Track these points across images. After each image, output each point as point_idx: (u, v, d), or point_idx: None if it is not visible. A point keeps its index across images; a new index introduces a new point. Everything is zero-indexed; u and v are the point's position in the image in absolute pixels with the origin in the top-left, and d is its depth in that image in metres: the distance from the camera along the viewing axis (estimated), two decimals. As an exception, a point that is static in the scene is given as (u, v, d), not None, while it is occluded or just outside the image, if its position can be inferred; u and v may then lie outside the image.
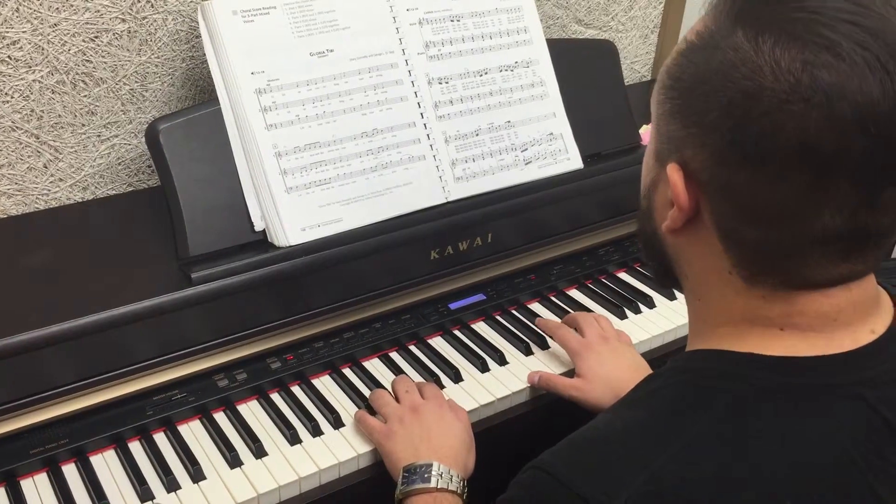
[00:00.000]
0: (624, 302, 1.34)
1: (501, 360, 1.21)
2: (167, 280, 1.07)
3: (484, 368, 1.19)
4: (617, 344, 1.17)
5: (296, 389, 1.15)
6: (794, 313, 0.68)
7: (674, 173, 0.68)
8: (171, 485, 0.99)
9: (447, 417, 1.05)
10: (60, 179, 1.29)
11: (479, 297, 1.31)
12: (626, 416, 0.71)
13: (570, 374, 1.18)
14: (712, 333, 0.73)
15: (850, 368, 0.68)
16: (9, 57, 1.17)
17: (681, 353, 0.75)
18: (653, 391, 0.72)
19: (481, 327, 1.28)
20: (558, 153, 1.34)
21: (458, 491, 0.96)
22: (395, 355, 1.22)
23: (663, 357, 1.26)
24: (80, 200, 1.32)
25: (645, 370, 1.12)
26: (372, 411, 1.09)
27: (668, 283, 0.80)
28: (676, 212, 0.69)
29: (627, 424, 0.69)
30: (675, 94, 0.68)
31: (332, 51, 1.18)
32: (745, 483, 0.63)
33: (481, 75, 1.29)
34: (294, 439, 1.06)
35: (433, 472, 0.96)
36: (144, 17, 1.26)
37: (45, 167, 1.27)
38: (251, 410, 1.11)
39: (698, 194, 0.68)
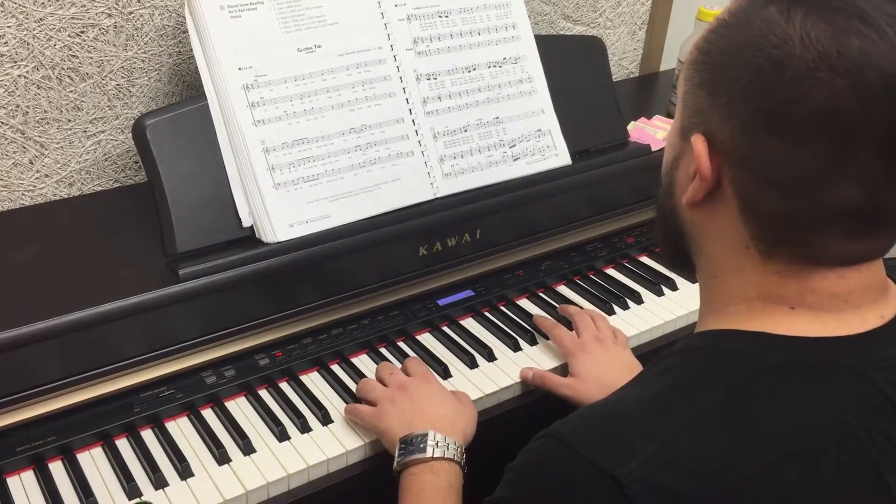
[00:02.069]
0: (612, 298, 1.35)
1: (490, 357, 1.21)
2: (154, 276, 1.06)
3: (472, 364, 1.19)
4: (612, 345, 1.18)
5: (284, 386, 1.15)
6: (805, 292, 0.69)
7: (698, 143, 0.69)
8: (159, 482, 0.99)
9: (436, 389, 1.06)
10: (46, 175, 1.28)
11: (468, 293, 1.31)
12: (639, 391, 0.72)
13: (560, 370, 1.18)
14: (725, 312, 0.74)
15: (859, 350, 0.69)
16: (-6, 52, 1.17)
17: (692, 334, 0.76)
18: (665, 368, 0.72)
19: (470, 323, 1.28)
20: (546, 149, 1.34)
21: (456, 458, 0.96)
22: (383, 351, 1.22)
23: (651, 353, 1.26)
24: (67, 197, 1.31)
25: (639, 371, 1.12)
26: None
27: (680, 262, 0.81)
28: (698, 182, 0.70)
29: (640, 398, 0.70)
30: (704, 67, 0.69)
31: (319, 46, 1.18)
32: (751, 453, 0.64)
33: (469, 71, 1.29)
34: (282, 436, 1.06)
35: (429, 442, 0.96)
36: (131, 12, 1.25)
37: (31, 163, 1.26)
38: (239, 407, 1.11)
39: (721, 164, 0.69)
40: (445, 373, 1.17)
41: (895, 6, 0.61)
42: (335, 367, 1.18)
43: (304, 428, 1.07)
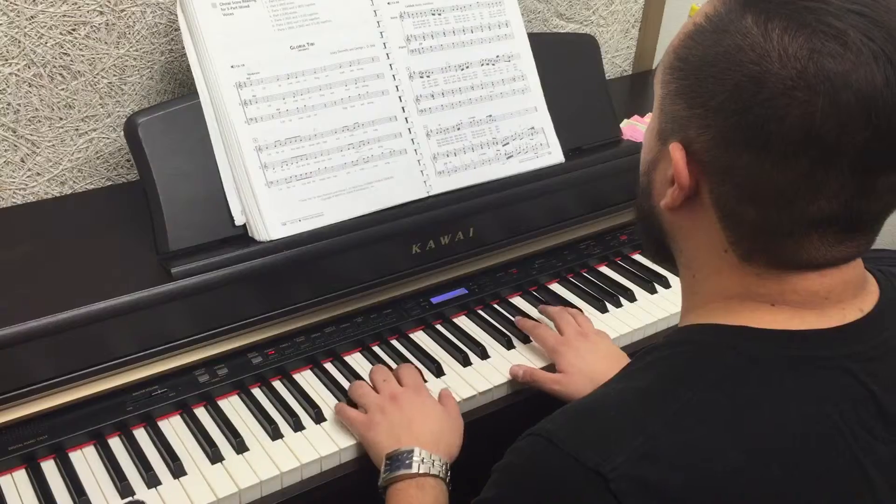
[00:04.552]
0: (605, 295, 1.35)
1: (483, 354, 1.21)
2: (147, 275, 1.06)
3: (466, 362, 1.19)
4: (595, 338, 1.18)
5: (277, 384, 1.14)
6: (786, 291, 0.70)
7: (676, 152, 0.69)
8: (152, 480, 0.99)
9: (427, 403, 1.06)
10: (38, 174, 1.28)
11: (461, 291, 1.31)
12: (622, 387, 0.72)
13: (552, 367, 1.18)
14: (705, 308, 0.74)
15: (839, 342, 0.69)
16: (-15, 50, 1.16)
17: (675, 329, 0.77)
18: (648, 364, 0.73)
19: (463, 321, 1.28)
20: (540, 147, 1.34)
21: (441, 475, 0.97)
22: (376, 349, 1.22)
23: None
24: (59, 195, 1.31)
25: (624, 361, 1.13)
26: (353, 404, 1.09)
27: (661, 259, 0.82)
28: (677, 190, 0.71)
29: (624, 393, 0.71)
30: (681, 75, 0.69)
31: (312, 44, 1.18)
32: (735, 447, 0.65)
33: (462, 69, 1.29)
34: (275, 434, 1.06)
35: (415, 458, 0.96)
36: (122, 10, 1.25)
37: (23, 161, 1.26)
38: (232, 405, 1.11)
39: (699, 174, 0.69)
40: (439, 371, 1.17)
41: (871, 24, 0.62)
42: (328, 366, 1.18)
43: (297, 426, 1.07)
